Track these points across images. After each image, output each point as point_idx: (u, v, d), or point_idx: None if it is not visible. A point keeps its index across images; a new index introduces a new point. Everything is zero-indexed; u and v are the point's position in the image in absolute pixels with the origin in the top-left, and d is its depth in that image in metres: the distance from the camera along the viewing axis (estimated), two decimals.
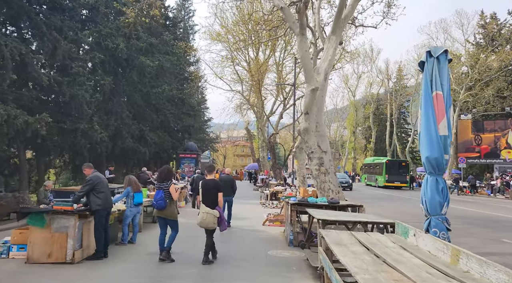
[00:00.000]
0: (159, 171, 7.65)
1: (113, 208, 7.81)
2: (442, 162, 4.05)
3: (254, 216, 14.16)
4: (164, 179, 7.07)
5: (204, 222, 6.52)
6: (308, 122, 9.88)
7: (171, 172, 7.48)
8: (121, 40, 22.52)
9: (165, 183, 6.99)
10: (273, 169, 30.08)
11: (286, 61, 34.71)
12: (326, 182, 9.67)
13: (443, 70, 3.99)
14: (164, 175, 7.18)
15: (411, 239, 4.35)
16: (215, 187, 6.87)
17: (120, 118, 23.44)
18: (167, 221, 6.99)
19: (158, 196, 6.88)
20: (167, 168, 7.50)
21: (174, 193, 6.97)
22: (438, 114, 3.96)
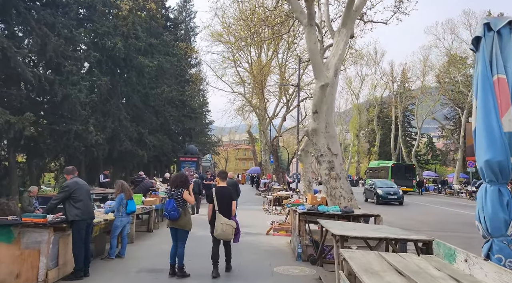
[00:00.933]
0: (173, 177, 6.86)
1: (99, 218, 6.90)
2: (507, 167, 3.13)
3: (257, 223, 13.24)
4: (177, 186, 6.35)
5: (224, 234, 6.18)
6: (317, 123, 8.96)
7: (186, 180, 6.57)
8: (119, 39, 21.70)
9: (177, 190, 6.28)
10: (276, 172, 29.15)
11: (289, 63, 33.91)
12: (337, 188, 8.75)
13: (507, 47, 3.10)
14: (179, 182, 6.42)
15: (461, 265, 3.41)
16: (230, 195, 6.55)
17: (118, 120, 22.57)
18: (178, 231, 6.25)
19: (169, 205, 6.19)
20: (183, 175, 6.70)
21: (189, 198, 6.32)
22: (501, 105, 3.06)
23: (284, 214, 16.45)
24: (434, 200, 29.03)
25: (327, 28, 12.03)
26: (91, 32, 21.59)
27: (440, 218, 17.00)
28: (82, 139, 16.43)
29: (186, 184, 6.41)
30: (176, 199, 6.20)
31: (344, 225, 5.73)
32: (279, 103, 33.46)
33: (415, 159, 46.88)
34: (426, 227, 13.46)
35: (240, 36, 23.31)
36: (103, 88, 20.63)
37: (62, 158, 23.51)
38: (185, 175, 6.56)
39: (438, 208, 22.00)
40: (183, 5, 52.09)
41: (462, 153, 36.41)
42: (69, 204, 5.61)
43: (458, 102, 36.08)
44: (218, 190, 6.51)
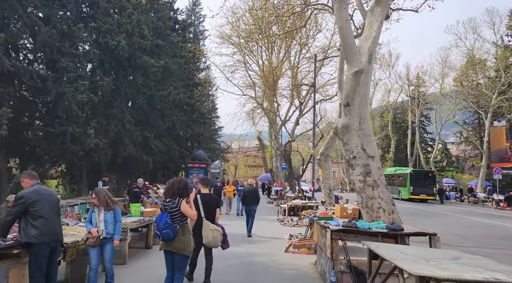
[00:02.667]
0: (168, 183, 5.15)
1: (76, 237, 5.35)
2: None
3: (273, 236, 11.61)
4: (173, 195, 4.85)
5: (214, 241, 5.75)
6: (349, 117, 7.35)
7: (186, 187, 4.94)
8: (123, 37, 20.42)
9: (173, 200, 4.79)
10: (289, 179, 27.44)
11: (301, 66, 32.35)
12: (374, 197, 7.09)
13: None
14: (175, 189, 4.87)
15: None
16: (215, 202, 6.25)
17: (122, 123, 21.22)
18: (174, 256, 4.73)
19: (161, 221, 4.70)
20: (181, 181, 5.02)
21: (189, 211, 4.80)
22: None
23: (301, 225, 14.81)
24: (458, 209, 27.02)
25: (356, 7, 10.44)
26: (93, 31, 20.35)
27: (477, 230, 15.15)
28: (80, 143, 15.04)
29: (185, 192, 4.85)
30: (172, 212, 4.69)
31: (403, 250, 4.09)
32: (291, 107, 31.84)
33: (434, 165, 44.72)
34: (468, 242, 11.68)
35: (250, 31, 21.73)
36: (105, 89, 19.33)
37: (63, 164, 22.28)
38: (184, 181, 4.94)
39: (468, 219, 20.08)
40: (192, 9, 51.11)
41: (486, 159, 34.26)
42: (26, 222, 4.07)
43: (482, 105, 34.06)
44: (203, 196, 6.16)
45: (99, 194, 5.12)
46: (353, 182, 7.48)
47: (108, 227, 5.03)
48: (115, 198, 13.90)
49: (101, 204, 5.07)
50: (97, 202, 5.09)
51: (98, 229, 4.95)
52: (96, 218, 5.03)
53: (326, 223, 6.63)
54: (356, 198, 7.57)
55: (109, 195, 5.23)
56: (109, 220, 5.05)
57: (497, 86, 32.84)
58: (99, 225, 4.99)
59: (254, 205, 11.82)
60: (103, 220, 5.02)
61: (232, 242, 10.85)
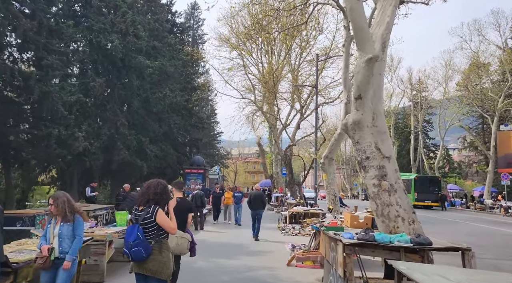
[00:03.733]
0: (143, 187, 4.04)
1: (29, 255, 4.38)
2: None
3: (273, 247, 10.60)
4: (147, 202, 3.77)
5: (178, 248, 5.36)
6: (361, 112, 6.39)
7: (164, 193, 3.88)
8: (116, 37, 19.54)
9: (146, 209, 3.71)
10: (289, 185, 26.42)
11: (302, 69, 31.47)
12: (391, 204, 6.12)
13: None
14: (151, 194, 3.80)
15: None
16: (187, 207, 5.76)
17: (115, 127, 20.26)
18: (148, 280, 3.68)
19: (131, 236, 3.62)
20: (158, 184, 3.91)
21: (167, 223, 3.73)
22: None
23: (304, 234, 13.81)
24: (466, 216, 25.97)
25: None
26: (85, 30, 19.47)
27: (492, 239, 14.14)
28: (67, 146, 14.06)
29: (164, 198, 3.82)
30: (145, 224, 3.64)
31: (446, 274, 3.11)
32: (291, 111, 30.90)
33: (437, 171, 43.69)
34: (487, 253, 10.66)
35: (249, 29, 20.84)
36: (97, 90, 18.40)
37: (54, 170, 21.33)
38: (162, 184, 3.86)
39: (479, 226, 19.05)
40: (191, 12, 50.51)
41: (493, 165, 33.24)
42: None
43: (488, 109, 33.13)
44: (177, 201, 5.47)
45: (58, 199, 3.99)
46: (366, 187, 6.50)
47: (64, 243, 3.92)
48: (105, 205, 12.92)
49: (58, 212, 3.96)
50: (54, 210, 3.97)
51: (50, 246, 3.86)
52: (50, 232, 3.95)
53: (336, 234, 5.65)
54: (369, 205, 6.59)
55: (71, 201, 4.09)
56: (65, 234, 3.95)
57: (503, 90, 31.95)
58: (52, 241, 3.92)
59: (260, 210, 12.08)
60: (57, 234, 3.93)
61: (229, 254, 9.89)
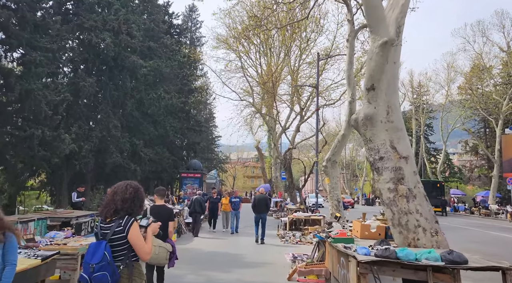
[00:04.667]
0: (111, 190, 3.09)
1: None
2: None
3: (272, 258, 9.67)
4: (115, 212, 2.88)
5: (157, 258, 5.09)
6: (374, 105, 5.53)
7: (138, 196, 2.98)
8: (108, 35, 18.71)
9: (117, 221, 2.83)
10: (289, 190, 25.53)
11: (301, 71, 30.71)
12: (410, 212, 5.24)
13: None
14: (118, 202, 2.90)
15: None
16: (168, 214, 5.54)
17: (107, 129, 19.36)
18: None
19: (94, 255, 2.75)
20: (127, 187, 2.99)
21: (141, 245, 2.85)
22: None
23: (305, 242, 12.90)
24: (472, 222, 25.05)
25: None
26: (76, 27, 18.63)
27: (507, 248, 13.24)
28: (52, 148, 13.15)
29: (136, 206, 2.92)
30: (114, 240, 2.78)
31: None
32: (291, 114, 30.05)
33: (440, 176, 42.83)
34: None
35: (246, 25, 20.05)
36: (88, 91, 17.53)
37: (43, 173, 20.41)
38: (132, 187, 2.95)
39: (489, 233, 18.17)
40: (189, 15, 49.72)
41: (498, 169, 32.38)
42: None
43: (492, 112, 32.33)
44: (154, 208, 5.61)
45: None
46: (379, 192, 5.62)
47: None
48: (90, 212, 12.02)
49: None
50: None
51: None
52: None
53: (346, 248, 4.77)
54: (384, 212, 5.71)
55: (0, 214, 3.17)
56: None
57: (507, 92, 31.17)
58: None
59: (264, 213, 12.37)
60: None
61: (223, 266, 8.98)
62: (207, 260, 9.21)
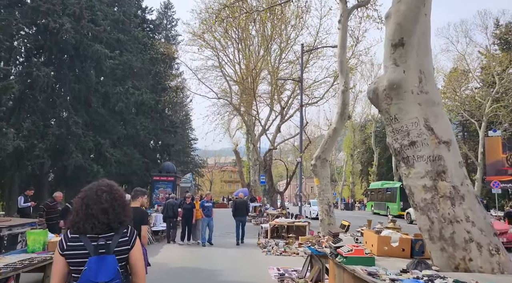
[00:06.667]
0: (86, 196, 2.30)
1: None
2: None
3: (254, 274, 7.91)
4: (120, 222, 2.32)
5: None
6: (403, 68, 3.91)
7: (116, 198, 2.31)
8: (68, 20, 16.64)
9: (121, 230, 2.31)
10: (269, 194, 23.87)
11: (282, 71, 29.22)
12: (458, 220, 3.64)
13: None
14: (99, 217, 2.25)
15: None
16: (140, 217, 4.66)
17: (66, 126, 17.20)
18: None
19: (102, 273, 2.11)
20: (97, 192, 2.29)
21: (141, 265, 2.36)
22: None
23: (290, 253, 11.22)
24: None
25: None
26: (31, 11, 16.47)
27: None
28: None
29: (122, 211, 2.33)
30: (118, 254, 2.25)
31: None
32: (271, 114, 28.47)
33: None
34: None
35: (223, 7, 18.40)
36: (42, 81, 15.40)
37: None
38: (108, 189, 2.31)
39: None
40: (164, 12, 47.59)
41: (481, 172, 31.72)
42: None
43: (475, 114, 31.69)
44: None
45: None
46: (409, 190, 3.99)
47: None
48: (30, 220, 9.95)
49: None
50: None
51: None
52: None
53: (373, 275, 3.10)
54: (417, 220, 4.07)
55: None
56: None
57: (490, 94, 30.62)
58: None
59: (244, 216, 12.96)
60: None
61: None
62: (172, 279, 7.38)
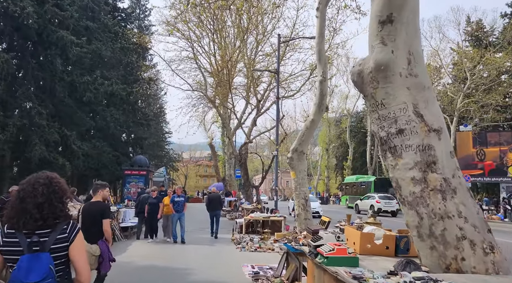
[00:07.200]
0: (23, 190, 2.18)
1: None
2: None
3: (227, 272, 7.47)
4: (46, 216, 2.17)
5: None
6: (392, 48, 3.53)
7: (55, 192, 2.20)
8: (30, 4, 15.56)
9: (60, 226, 2.20)
10: (245, 188, 23.46)
11: (258, 64, 28.70)
12: (449, 216, 3.30)
13: None
14: (33, 212, 2.14)
15: None
16: (100, 212, 4.70)
17: (28, 116, 16.17)
18: None
19: (33, 272, 2.01)
20: (34, 185, 2.15)
21: (84, 262, 2.25)
22: None
23: (265, 249, 10.85)
24: None
25: None
26: None
27: None
28: None
29: (59, 205, 2.22)
30: (54, 251, 2.14)
31: None
32: (247, 108, 27.97)
33: None
34: None
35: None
36: (2, 69, 14.34)
37: None
38: (47, 182, 2.18)
39: None
40: (137, 0, 46.14)
41: None
42: None
43: (447, 109, 32.27)
44: (86, 207, 4.95)
45: None
46: (396, 183, 3.63)
47: None
48: None
49: None
50: None
51: None
52: None
53: (360, 280, 2.71)
54: (405, 215, 3.71)
55: None
56: None
57: (462, 89, 31.22)
58: None
59: (218, 210, 13.24)
60: None
61: None
62: (136, 280, 6.84)
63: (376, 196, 27.59)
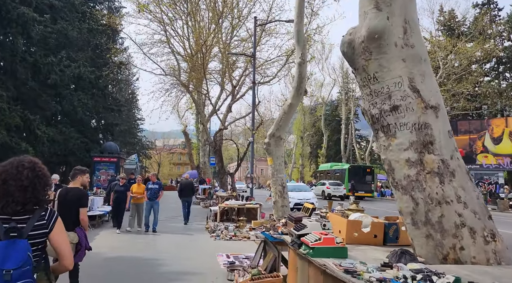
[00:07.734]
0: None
1: None
2: None
3: (201, 263, 7.06)
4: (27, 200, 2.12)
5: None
6: (387, 13, 3.14)
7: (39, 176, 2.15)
8: None
9: (38, 212, 2.14)
10: (219, 176, 23.00)
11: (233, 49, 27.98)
12: (447, 200, 2.99)
13: None
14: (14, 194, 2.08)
15: None
16: (77, 198, 4.52)
17: None
18: None
19: (10, 259, 1.93)
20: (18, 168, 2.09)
21: (66, 248, 2.26)
22: None
23: (241, 237, 10.51)
24: None
25: None
26: None
27: None
28: None
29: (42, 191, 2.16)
30: (33, 238, 2.09)
31: None
32: (222, 94, 27.31)
33: (368, 162, 43.34)
34: None
35: None
36: None
37: None
38: (31, 166, 2.10)
39: None
40: None
41: None
42: None
43: None
44: (63, 192, 4.69)
45: None
46: (389, 166, 3.29)
47: None
48: None
49: None
50: None
51: None
52: None
53: (353, 274, 2.37)
54: (398, 201, 3.38)
55: None
56: None
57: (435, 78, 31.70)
58: None
59: (190, 196, 13.52)
60: None
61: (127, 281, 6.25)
62: (106, 271, 6.34)
63: (327, 182, 31.23)
